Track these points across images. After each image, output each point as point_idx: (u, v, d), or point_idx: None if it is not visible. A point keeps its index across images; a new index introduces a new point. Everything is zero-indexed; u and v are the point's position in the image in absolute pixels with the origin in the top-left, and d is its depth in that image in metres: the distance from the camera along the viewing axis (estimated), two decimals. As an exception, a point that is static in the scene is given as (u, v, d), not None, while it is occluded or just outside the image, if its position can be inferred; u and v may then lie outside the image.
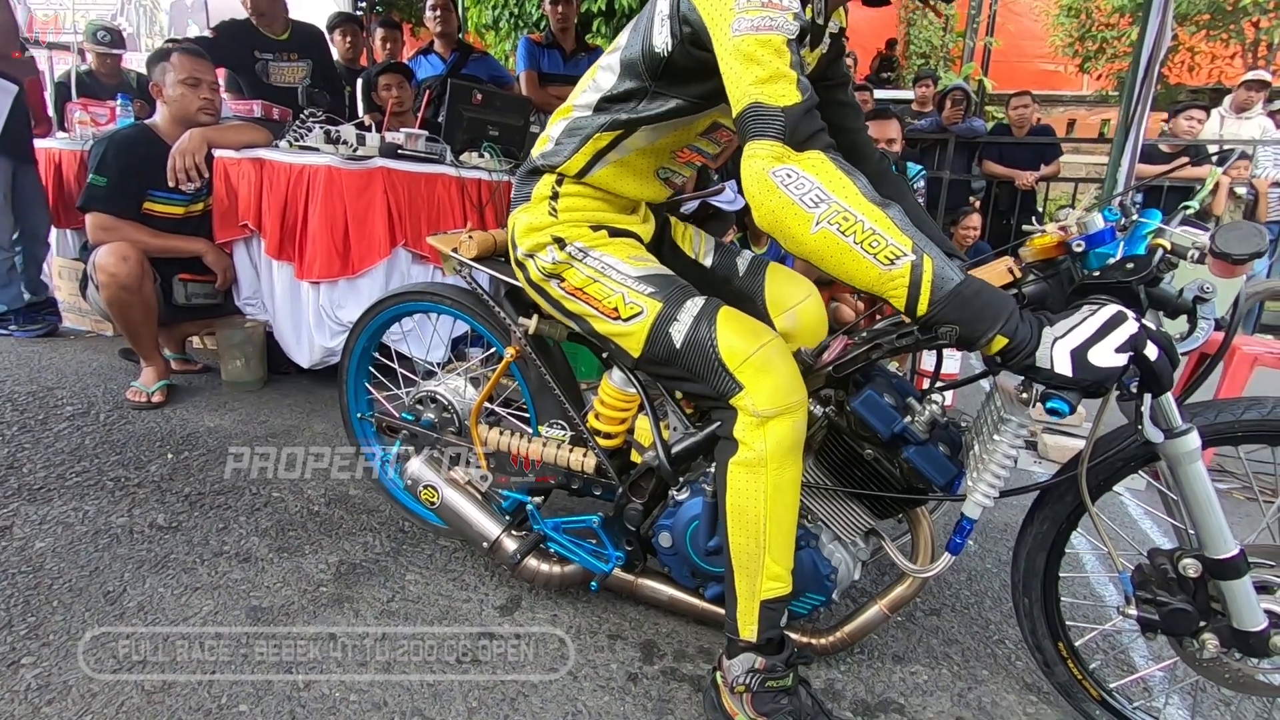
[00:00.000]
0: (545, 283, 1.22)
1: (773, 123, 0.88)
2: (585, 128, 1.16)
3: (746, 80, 0.89)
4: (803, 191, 0.86)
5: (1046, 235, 1.04)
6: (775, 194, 0.87)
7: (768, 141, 0.88)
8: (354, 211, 2.40)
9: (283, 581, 1.50)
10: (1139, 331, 0.84)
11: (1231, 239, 0.86)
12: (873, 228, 0.85)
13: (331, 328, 2.50)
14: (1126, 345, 0.83)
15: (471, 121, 3.09)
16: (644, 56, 1.08)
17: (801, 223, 0.87)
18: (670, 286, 1.14)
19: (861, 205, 0.86)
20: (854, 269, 0.86)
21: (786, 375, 1.06)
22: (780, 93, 0.88)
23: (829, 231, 0.85)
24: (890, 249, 0.84)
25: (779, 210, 0.88)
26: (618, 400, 1.36)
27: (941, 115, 5.35)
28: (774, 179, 0.87)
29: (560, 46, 3.92)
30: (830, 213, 0.85)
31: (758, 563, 1.10)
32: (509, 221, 1.28)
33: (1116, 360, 0.82)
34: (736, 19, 0.90)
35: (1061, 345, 0.84)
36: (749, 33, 0.89)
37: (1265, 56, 7.32)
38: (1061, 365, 0.83)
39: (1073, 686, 1.24)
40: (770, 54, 0.88)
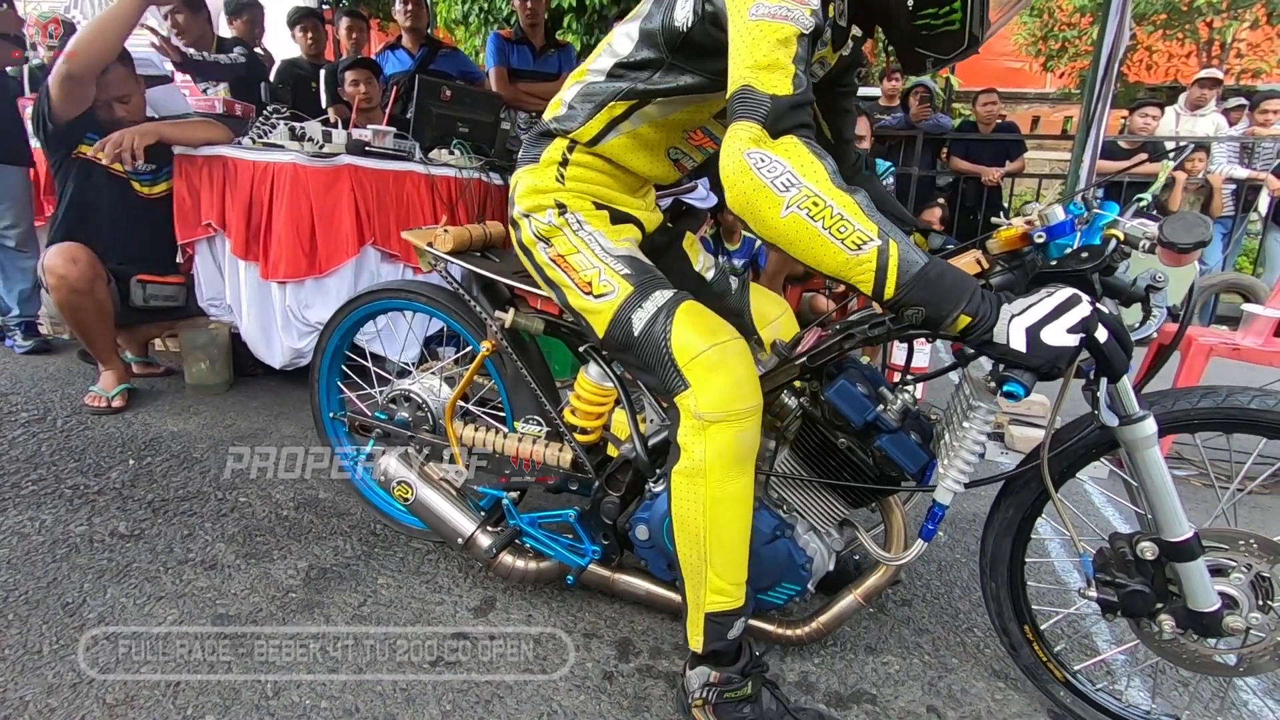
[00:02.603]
0: (534, 245, 1.21)
1: (758, 107, 0.88)
2: (600, 94, 1.14)
3: (745, 63, 0.89)
4: (774, 175, 0.87)
5: (1012, 228, 1.06)
6: (748, 176, 0.88)
7: (748, 123, 0.88)
8: (320, 210, 2.35)
9: (250, 588, 1.47)
10: (1090, 314, 0.86)
11: (1177, 229, 0.89)
12: (840, 213, 0.86)
13: (299, 328, 2.46)
14: (1078, 327, 0.85)
15: (441, 118, 3.05)
16: (663, 29, 1.07)
17: (772, 206, 0.87)
18: (646, 274, 1.13)
19: (830, 191, 0.86)
20: (822, 254, 0.87)
21: (738, 378, 1.04)
22: (773, 81, 0.88)
23: (798, 216, 0.86)
24: (857, 234, 0.85)
25: (751, 193, 0.88)
26: (594, 395, 1.36)
27: (909, 113, 5.42)
28: (748, 160, 0.88)
29: (530, 43, 3.89)
30: (800, 197, 0.86)
31: (700, 574, 1.09)
32: (512, 179, 1.27)
33: (1068, 340, 0.84)
34: (756, 3, 0.90)
35: (1017, 322, 0.86)
36: (764, 18, 0.89)
37: (1218, 55, 7.55)
38: (1016, 341, 0.85)
39: (1038, 669, 1.27)
40: (776, 42, 0.89)
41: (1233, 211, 5.13)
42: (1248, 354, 2.26)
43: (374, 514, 1.76)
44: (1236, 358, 2.29)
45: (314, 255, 2.38)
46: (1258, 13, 7.23)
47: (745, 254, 4.08)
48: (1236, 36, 7.42)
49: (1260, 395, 1.05)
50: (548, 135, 1.21)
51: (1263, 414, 1.04)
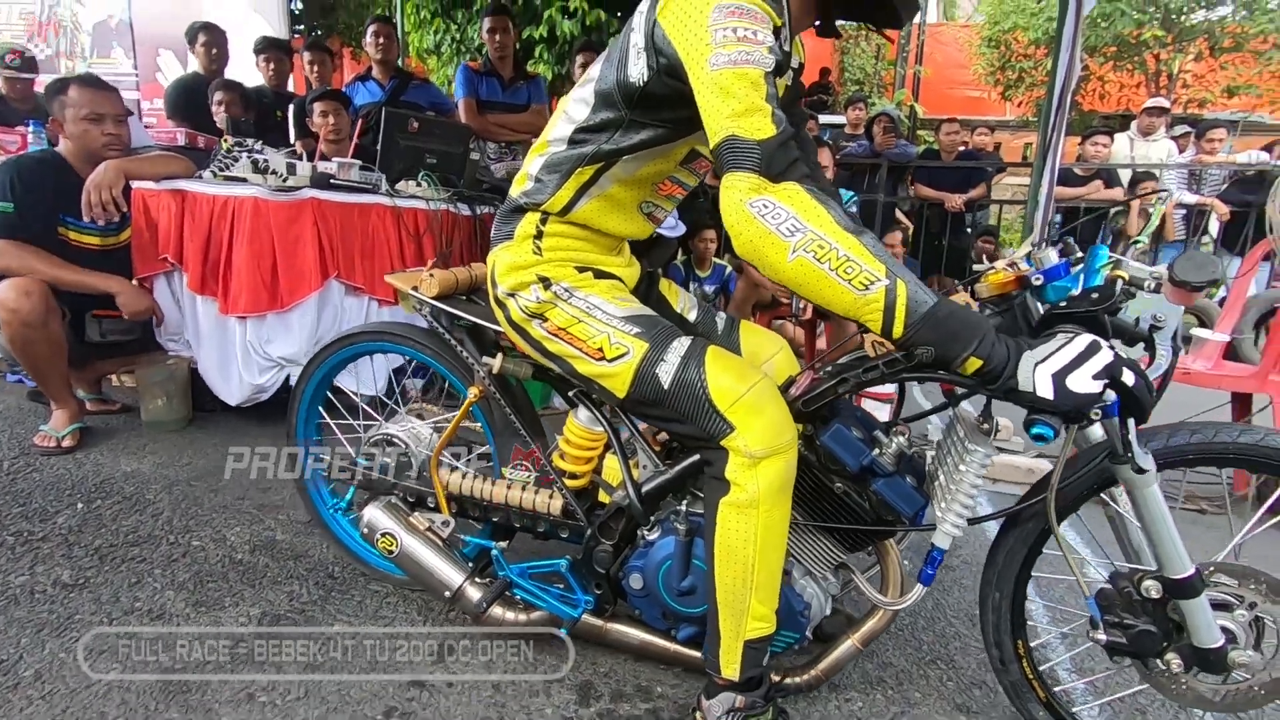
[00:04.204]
0: (527, 323, 1.20)
1: (749, 155, 0.90)
2: (565, 162, 1.15)
3: (723, 113, 0.91)
4: (779, 221, 0.89)
5: (1000, 272, 1.08)
6: (753, 224, 0.90)
7: (744, 174, 0.91)
8: (282, 244, 2.33)
9: (199, 638, 1.43)
10: (1115, 360, 0.88)
11: (1189, 268, 0.92)
12: (847, 254, 0.88)
13: (260, 363, 2.42)
14: (1103, 373, 0.87)
15: (408, 150, 3.05)
16: (619, 87, 1.08)
17: (779, 251, 0.90)
18: (656, 327, 1.14)
19: (836, 233, 0.89)
20: (831, 295, 0.89)
21: (777, 415, 1.07)
22: (756, 126, 0.90)
23: (805, 259, 0.89)
24: (865, 275, 0.87)
25: (757, 240, 0.91)
26: (584, 439, 1.34)
27: (874, 142, 5.55)
28: (751, 210, 0.90)
29: (499, 74, 3.93)
30: (806, 241, 0.88)
31: (744, 603, 1.10)
32: (488, 259, 1.26)
33: (1094, 387, 0.86)
34: (714, 54, 0.92)
35: (1043, 369, 0.87)
36: (726, 67, 0.91)
37: (1166, 85, 7.88)
38: (1044, 389, 0.87)
39: (1022, 686, 1.27)
40: (746, 87, 0.91)
41: (1184, 235, 5.32)
42: (1198, 378, 2.32)
43: (355, 563, 1.70)
44: (1187, 382, 2.35)
45: (275, 289, 2.35)
46: (1200, 45, 7.59)
47: (716, 280, 4.13)
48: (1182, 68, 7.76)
49: (1247, 430, 1.07)
50: (519, 211, 1.21)
51: (1251, 448, 1.05)
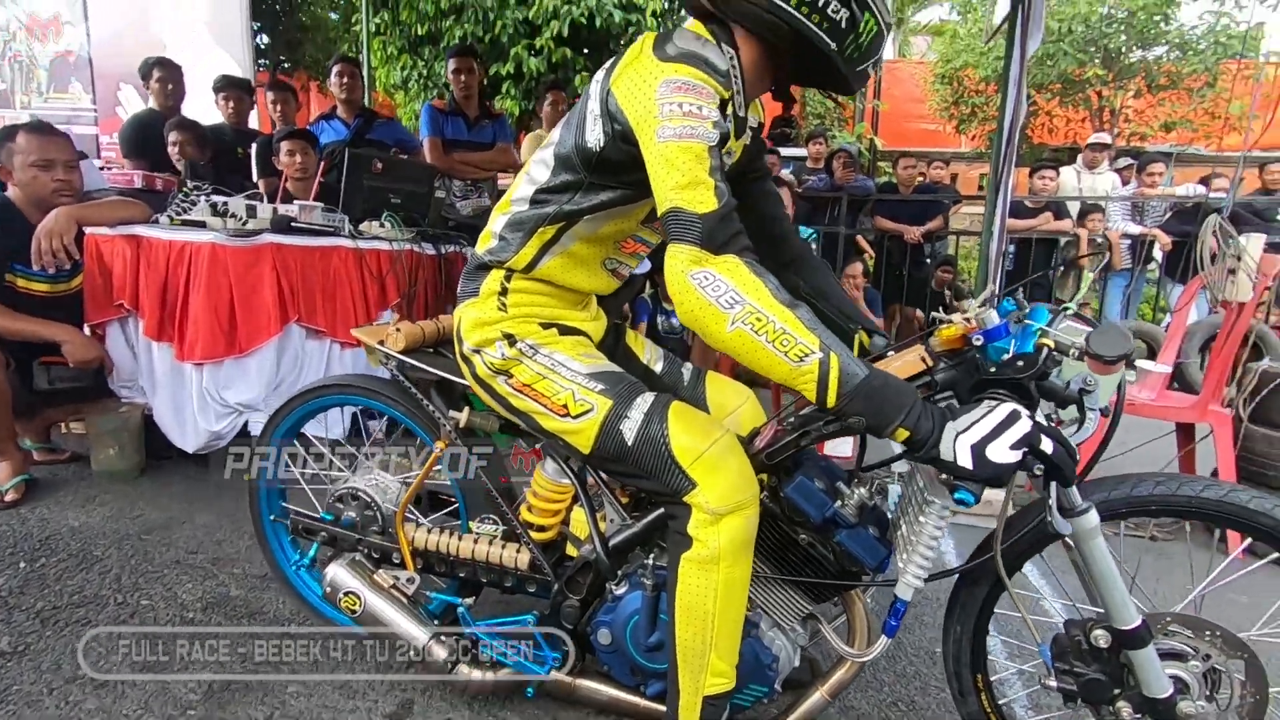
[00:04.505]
0: (492, 379, 1.21)
1: (691, 228, 0.94)
2: (527, 221, 1.17)
3: (668, 185, 0.96)
4: (719, 294, 0.93)
5: (953, 326, 1.11)
6: (694, 295, 0.94)
7: (687, 246, 0.94)
8: (240, 289, 2.30)
9: (144, 707, 1.38)
10: (1032, 430, 0.91)
11: (1102, 342, 0.94)
12: (783, 327, 0.91)
13: (217, 409, 2.37)
14: (1020, 443, 0.90)
15: (372, 190, 3.05)
16: (578, 151, 1.11)
17: (719, 322, 0.93)
18: (620, 383, 1.15)
19: (773, 307, 0.92)
20: (768, 364, 0.93)
21: (739, 471, 1.09)
22: (699, 199, 0.94)
23: (743, 331, 0.92)
24: (800, 347, 0.91)
25: (698, 310, 0.95)
26: (551, 492, 1.34)
27: (834, 176, 5.71)
28: (693, 281, 0.94)
29: (464, 113, 3.96)
30: (744, 313, 0.92)
31: (703, 660, 1.10)
32: (454, 315, 1.27)
33: (1011, 456, 0.90)
34: (661, 126, 0.96)
35: (963, 440, 0.91)
36: (672, 140, 0.95)
37: (1109, 120, 8.27)
38: (964, 459, 0.90)
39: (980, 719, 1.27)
40: (691, 160, 0.95)
41: (1130, 264, 5.54)
42: (1142, 409, 2.41)
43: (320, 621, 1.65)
44: (1132, 413, 2.43)
45: (233, 335, 2.31)
46: (1139, 83, 8.00)
47: None
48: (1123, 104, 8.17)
49: (1211, 485, 1.09)
50: (484, 268, 1.23)
51: (1213, 504, 1.08)
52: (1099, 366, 0.96)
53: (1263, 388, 2.33)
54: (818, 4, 1.00)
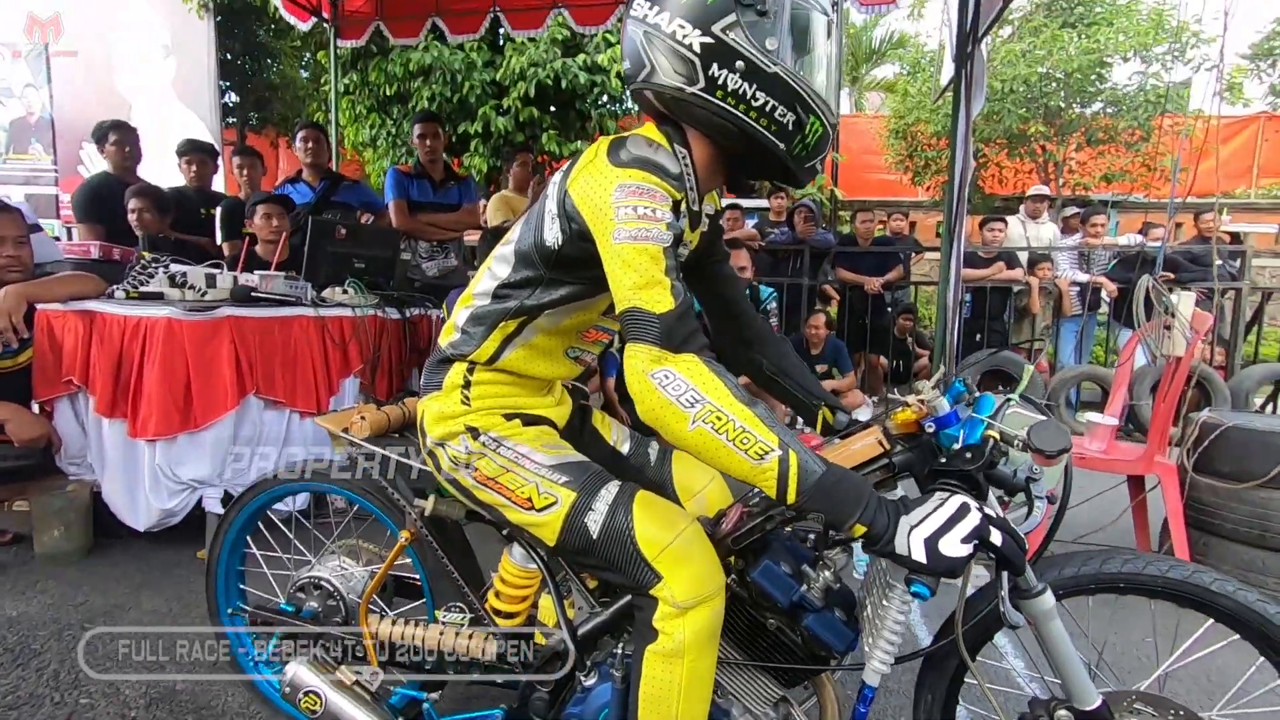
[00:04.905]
0: (456, 472, 1.21)
1: (649, 327, 0.97)
2: (489, 316, 1.19)
3: (626, 285, 0.98)
4: (679, 393, 0.95)
5: (907, 410, 1.14)
6: (654, 394, 0.96)
7: (646, 346, 0.97)
8: (197, 364, 2.27)
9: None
10: (981, 523, 0.94)
11: (1042, 438, 0.98)
12: (743, 426, 0.93)
13: (170, 487, 2.31)
14: (971, 536, 0.93)
15: (335, 257, 3.07)
16: (537, 248, 1.13)
17: (679, 420, 0.95)
18: (585, 474, 1.15)
19: (732, 405, 0.94)
20: (728, 462, 0.95)
21: (705, 563, 1.09)
22: (656, 299, 0.97)
23: (704, 430, 0.94)
24: (759, 445, 0.93)
25: (659, 409, 0.96)
26: (518, 577, 1.32)
27: (795, 230, 5.87)
28: (653, 380, 0.96)
29: (429, 176, 4.02)
30: (704, 412, 0.94)
31: None
32: (418, 409, 1.27)
33: (963, 550, 0.92)
34: (616, 229, 0.99)
35: (916, 534, 0.93)
36: (628, 242, 0.98)
37: (1054, 172, 8.70)
38: (917, 553, 0.92)
39: None
40: (647, 261, 0.98)
41: (1080, 310, 5.75)
42: (1092, 462, 2.47)
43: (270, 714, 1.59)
44: (1083, 466, 2.49)
45: (188, 410, 2.27)
46: (1079, 137, 8.47)
47: None
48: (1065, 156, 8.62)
49: (1178, 565, 1.12)
50: (446, 361, 1.24)
51: (1180, 584, 1.09)
52: (1041, 459, 1.00)
53: (1204, 438, 2.41)
54: (765, 109, 1.05)
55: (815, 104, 1.07)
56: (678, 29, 1.03)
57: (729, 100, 1.04)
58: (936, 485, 1.03)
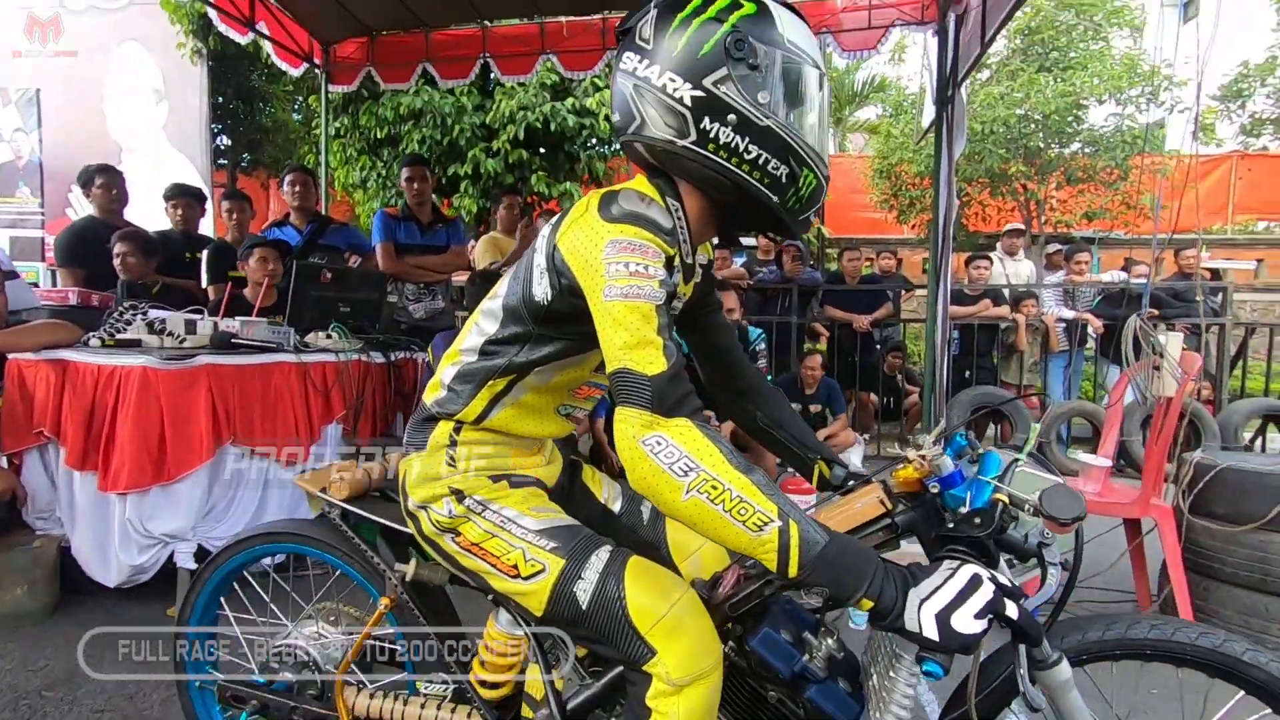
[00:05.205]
0: (439, 537, 1.15)
1: (641, 390, 0.91)
2: (477, 373, 1.14)
3: (616, 344, 0.93)
4: (672, 460, 0.89)
5: (909, 468, 1.09)
6: (646, 462, 0.90)
7: (637, 410, 0.91)
8: (172, 414, 2.21)
9: None
10: (995, 596, 0.88)
11: (1055, 504, 0.93)
12: (740, 495, 0.88)
13: (140, 541, 2.22)
14: (986, 609, 0.87)
15: (319, 300, 3.04)
16: (525, 303, 1.09)
17: (672, 490, 0.89)
18: (574, 540, 1.09)
19: (728, 473, 0.89)
20: (725, 534, 0.89)
21: (701, 635, 1.03)
22: (648, 359, 0.92)
23: (699, 500, 0.88)
24: (758, 515, 0.87)
25: (650, 477, 0.90)
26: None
27: (783, 269, 5.91)
28: (644, 447, 0.90)
29: (417, 219, 4.02)
30: (699, 481, 0.88)
31: None
32: (399, 468, 1.21)
33: (977, 626, 0.86)
34: (607, 286, 0.95)
35: (927, 609, 0.87)
36: (619, 299, 0.94)
37: (1035, 210, 8.86)
38: (929, 630, 0.86)
39: None
40: (638, 320, 0.93)
41: (1067, 346, 5.78)
42: (1090, 505, 2.43)
43: None
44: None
45: (162, 462, 2.21)
46: (1059, 176, 8.65)
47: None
48: (1046, 195, 8.79)
49: (1206, 633, 1.06)
50: (431, 420, 1.19)
51: (1179, 645, 1.04)
52: (1054, 526, 0.95)
53: (1199, 479, 2.39)
54: (758, 162, 1.03)
55: (808, 156, 1.06)
56: (668, 82, 1.02)
57: (721, 153, 1.02)
58: (944, 553, 0.98)
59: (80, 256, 3.61)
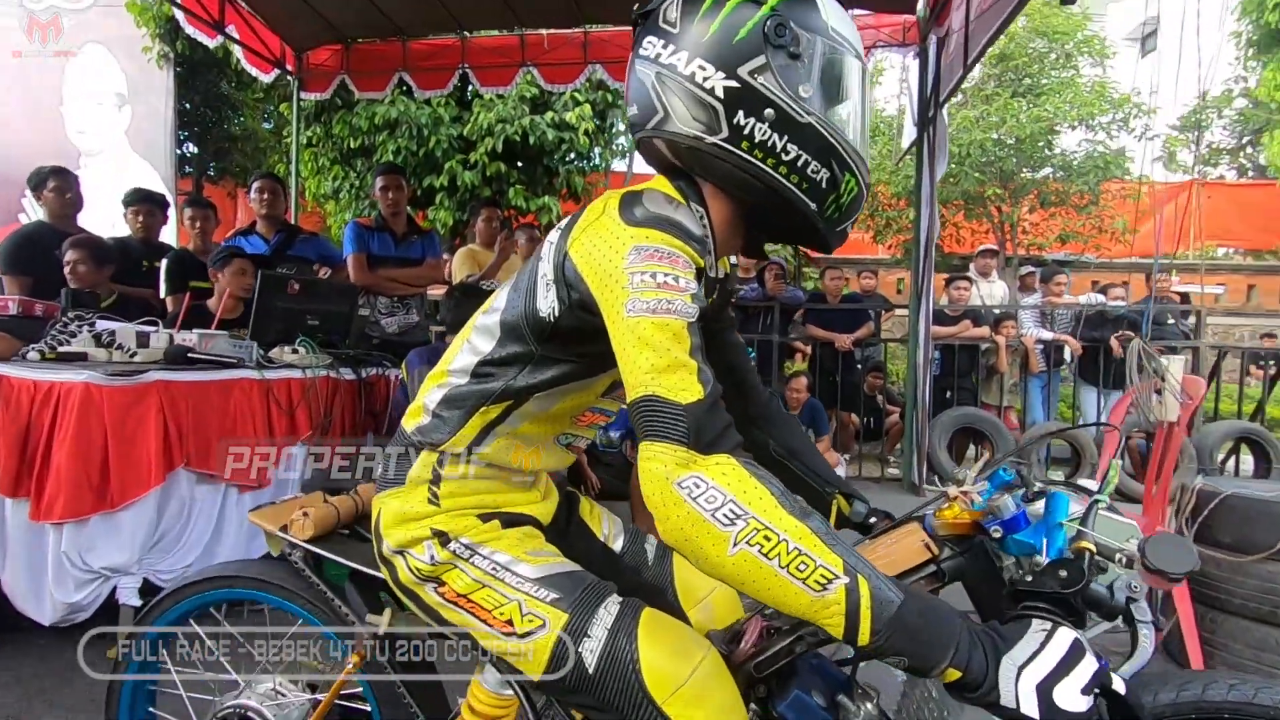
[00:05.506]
0: (419, 587, 0.99)
1: (674, 423, 0.77)
2: (467, 398, 0.99)
3: (642, 367, 0.80)
4: (715, 506, 0.75)
5: (954, 507, 0.97)
6: (683, 508, 0.76)
7: (670, 445, 0.77)
8: (117, 435, 2.01)
9: None
10: (1103, 666, 0.76)
11: (1163, 554, 0.80)
12: (797, 547, 0.73)
13: (78, 576, 2.01)
14: (1092, 684, 0.74)
15: (287, 313, 2.87)
16: (527, 319, 0.95)
17: (717, 543, 0.75)
18: (578, 589, 0.94)
19: (782, 520, 0.75)
20: (781, 595, 0.74)
21: (725, 704, 0.88)
22: (681, 385, 0.78)
23: (749, 553, 0.74)
24: (821, 571, 0.73)
25: (689, 528, 0.76)
26: (491, 706, 1.09)
27: (765, 287, 5.86)
28: (680, 491, 0.76)
29: (391, 230, 3.86)
30: (749, 531, 0.74)
31: None
32: (373, 505, 1.05)
33: (1083, 704, 0.73)
34: (631, 299, 0.81)
35: (1026, 679, 0.74)
36: (645, 315, 0.80)
37: (1009, 233, 9.02)
38: (1029, 706, 0.72)
39: None
40: (668, 339, 0.80)
41: (1045, 367, 5.81)
42: (1091, 532, 2.36)
43: None
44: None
45: (104, 488, 2.00)
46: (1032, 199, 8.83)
47: (621, 425, 3.85)
48: (1020, 218, 8.95)
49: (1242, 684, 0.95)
50: (411, 450, 1.04)
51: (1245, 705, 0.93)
52: (1159, 580, 0.83)
53: (1202, 508, 2.33)
54: (796, 164, 0.91)
55: (851, 159, 0.94)
56: (697, 70, 0.89)
57: (756, 153, 0.90)
58: (1023, 610, 0.85)
59: (26, 263, 3.37)
